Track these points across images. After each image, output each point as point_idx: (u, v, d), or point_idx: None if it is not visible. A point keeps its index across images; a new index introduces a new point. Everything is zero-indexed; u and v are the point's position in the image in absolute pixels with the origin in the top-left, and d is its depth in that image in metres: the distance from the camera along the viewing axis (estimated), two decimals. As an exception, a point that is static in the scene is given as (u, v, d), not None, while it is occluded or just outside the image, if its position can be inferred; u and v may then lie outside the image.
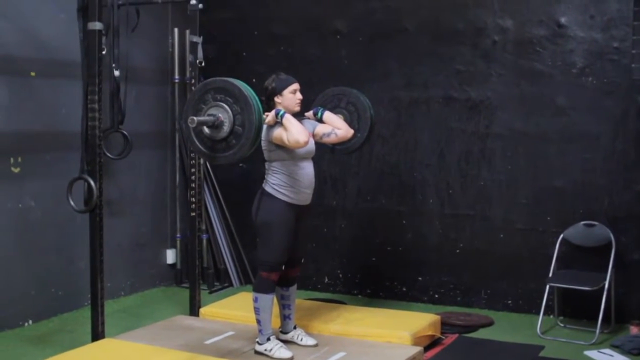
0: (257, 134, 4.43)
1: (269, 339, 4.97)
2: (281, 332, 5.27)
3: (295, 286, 5.24)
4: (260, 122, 4.45)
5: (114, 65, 6.06)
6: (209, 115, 4.47)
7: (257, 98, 4.45)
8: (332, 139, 5.12)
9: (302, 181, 4.92)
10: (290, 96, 4.91)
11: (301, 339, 5.20)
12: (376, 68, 6.82)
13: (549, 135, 6.29)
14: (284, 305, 5.21)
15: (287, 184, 4.88)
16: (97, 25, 5.14)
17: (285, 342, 5.16)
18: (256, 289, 4.98)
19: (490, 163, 6.51)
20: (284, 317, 5.24)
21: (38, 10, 6.14)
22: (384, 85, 6.85)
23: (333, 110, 5.42)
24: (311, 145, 4.98)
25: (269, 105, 4.91)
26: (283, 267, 4.99)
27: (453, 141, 6.63)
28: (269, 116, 4.77)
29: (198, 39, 5.90)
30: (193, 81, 6.07)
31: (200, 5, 5.83)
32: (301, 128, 4.74)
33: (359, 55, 6.93)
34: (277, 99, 4.91)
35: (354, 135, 5.32)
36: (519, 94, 6.37)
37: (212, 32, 7.22)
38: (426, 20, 6.70)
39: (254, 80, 7.24)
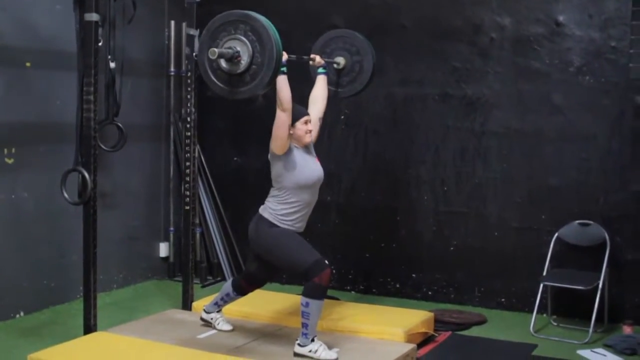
0: (276, 69, 4.42)
1: (312, 340, 4.87)
2: (204, 310, 5.45)
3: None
4: (280, 55, 4.44)
5: (109, 57, 6.04)
6: (227, 48, 4.44)
7: (277, 32, 4.43)
8: (321, 115, 5.26)
9: (307, 209, 4.98)
10: (302, 127, 4.90)
11: (218, 323, 5.37)
12: (373, 64, 6.81)
13: (545, 133, 6.28)
14: (225, 301, 5.37)
15: (291, 213, 4.88)
16: (93, 17, 5.10)
17: (204, 322, 5.43)
18: (307, 294, 4.81)
19: (485, 161, 6.50)
20: (217, 305, 5.39)
21: (34, 0, 6.10)
22: (379, 81, 6.79)
23: (337, 51, 5.61)
24: (321, 173, 5.02)
25: None
26: (326, 262, 4.85)
27: (448, 138, 6.62)
28: None
29: (195, 32, 5.88)
30: (189, 74, 6.06)
31: (197, -2, 5.81)
32: (288, 95, 4.69)
33: (356, 51, 6.91)
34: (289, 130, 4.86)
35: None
36: (515, 92, 6.37)
37: (208, 25, 7.18)
38: (423, 16, 6.68)
39: (250, 74, 7.22)
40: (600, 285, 5.74)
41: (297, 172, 4.84)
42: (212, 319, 5.41)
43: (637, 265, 6.02)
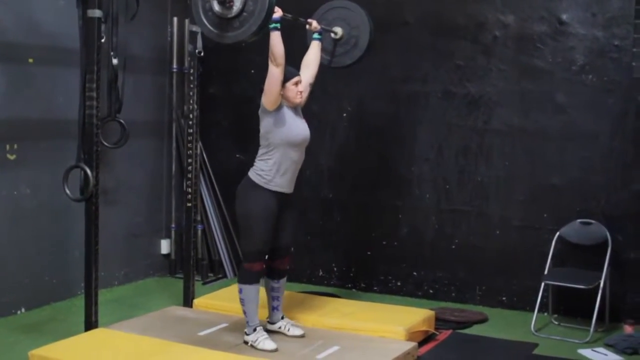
0: (265, 19, 4.50)
1: (255, 330, 4.99)
2: (269, 322, 5.28)
3: (285, 279, 5.27)
4: (271, 7, 4.51)
5: (112, 53, 6.03)
6: None
7: None
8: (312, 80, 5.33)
9: (293, 168, 5.00)
10: (292, 87, 4.97)
11: (288, 329, 5.23)
12: (376, 61, 6.78)
13: (548, 132, 6.27)
14: (273, 297, 5.23)
15: (278, 171, 4.92)
16: (96, 13, 5.10)
17: (272, 332, 5.18)
18: (240, 280, 5.01)
19: (488, 159, 6.49)
20: (273, 308, 5.26)
21: (37, -4, 6.11)
22: (383, 78, 6.83)
23: (337, 20, 5.69)
24: (308, 133, 5.07)
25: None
26: (266, 257, 5.02)
27: (451, 136, 6.61)
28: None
29: (197, 29, 5.87)
30: (192, 71, 6.05)
31: (200, -5, 5.79)
32: (281, 51, 4.76)
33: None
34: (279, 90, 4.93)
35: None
36: (518, 90, 6.36)
37: (211, 22, 7.18)
38: (427, 14, 6.68)
39: (252, 71, 7.23)
40: (601, 285, 5.72)
41: (286, 129, 4.92)
42: (279, 327, 5.23)
43: (638, 264, 6.01)
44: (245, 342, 5.03)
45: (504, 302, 6.47)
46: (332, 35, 5.72)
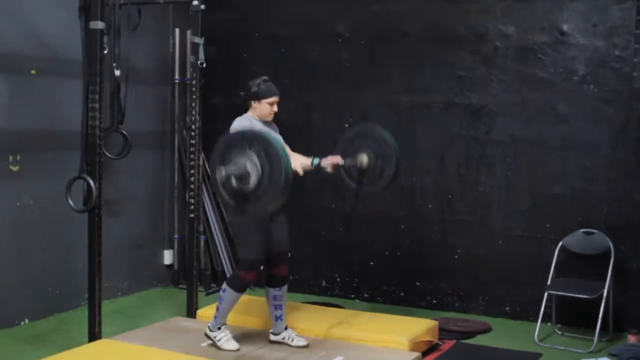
0: (279, 194, 4.34)
1: (219, 328, 5.09)
2: (272, 332, 5.30)
3: (286, 287, 5.26)
4: (288, 178, 4.32)
5: (114, 64, 6.04)
6: (234, 164, 4.34)
7: (287, 155, 4.34)
8: None
9: None
10: (267, 106, 5.03)
11: (292, 340, 5.24)
12: (377, 72, 6.81)
13: (550, 142, 6.28)
14: (275, 306, 5.23)
15: None
16: (99, 25, 5.12)
17: (276, 342, 5.22)
18: (229, 283, 5.09)
19: (490, 169, 6.50)
20: (276, 318, 5.26)
21: (40, 8, 6.12)
22: (384, 90, 6.84)
23: (364, 148, 5.33)
24: (282, 143, 4.88)
25: (245, 101, 5.11)
26: (262, 267, 5.05)
27: (453, 146, 6.62)
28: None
29: (199, 40, 5.89)
30: (194, 82, 6.06)
31: (202, 6, 5.83)
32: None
33: (360, 59, 6.92)
34: (254, 103, 5.02)
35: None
36: (520, 100, 6.37)
37: (213, 33, 7.18)
38: (428, 25, 6.69)
39: (254, 82, 7.23)
40: (604, 294, 5.73)
41: None
42: (283, 338, 5.28)
43: (641, 274, 6.03)
44: (207, 336, 5.15)
45: (507, 312, 6.47)
46: (358, 164, 5.36)
